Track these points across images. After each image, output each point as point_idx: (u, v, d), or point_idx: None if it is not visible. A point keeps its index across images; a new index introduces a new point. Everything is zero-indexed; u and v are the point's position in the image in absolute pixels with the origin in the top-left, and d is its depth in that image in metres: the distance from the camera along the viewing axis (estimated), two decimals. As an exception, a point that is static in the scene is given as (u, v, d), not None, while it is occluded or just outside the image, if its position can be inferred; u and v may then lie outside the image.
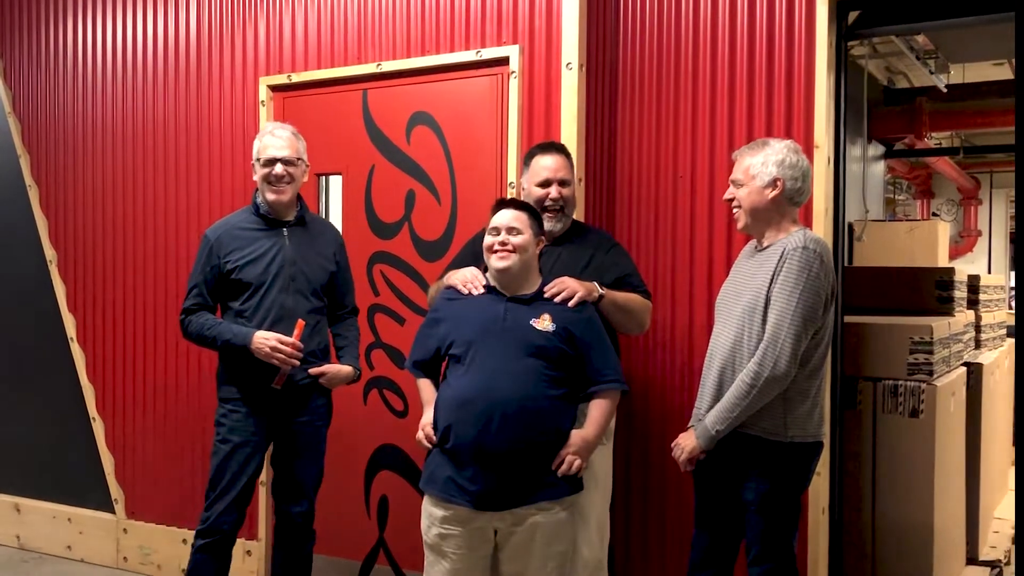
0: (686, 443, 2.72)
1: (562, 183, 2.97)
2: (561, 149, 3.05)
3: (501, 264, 2.67)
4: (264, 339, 3.03)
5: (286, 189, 3.15)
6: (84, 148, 4.57)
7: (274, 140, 3.16)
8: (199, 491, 4.19)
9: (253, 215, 3.21)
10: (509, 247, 2.66)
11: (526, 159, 3.07)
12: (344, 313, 3.34)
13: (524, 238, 2.69)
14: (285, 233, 3.18)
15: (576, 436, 2.64)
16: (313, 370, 3.15)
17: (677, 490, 3.39)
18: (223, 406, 3.18)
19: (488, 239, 2.71)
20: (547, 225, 2.93)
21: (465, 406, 2.60)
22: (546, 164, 2.98)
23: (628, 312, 2.92)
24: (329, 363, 3.22)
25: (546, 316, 2.66)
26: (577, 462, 2.62)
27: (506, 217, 2.69)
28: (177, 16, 4.29)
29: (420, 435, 2.72)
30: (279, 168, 3.12)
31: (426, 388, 2.82)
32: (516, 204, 2.76)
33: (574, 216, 3.08)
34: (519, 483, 2.57)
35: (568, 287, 2.73)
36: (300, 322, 3.07)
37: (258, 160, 3.17)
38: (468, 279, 2.79)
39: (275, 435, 3.21)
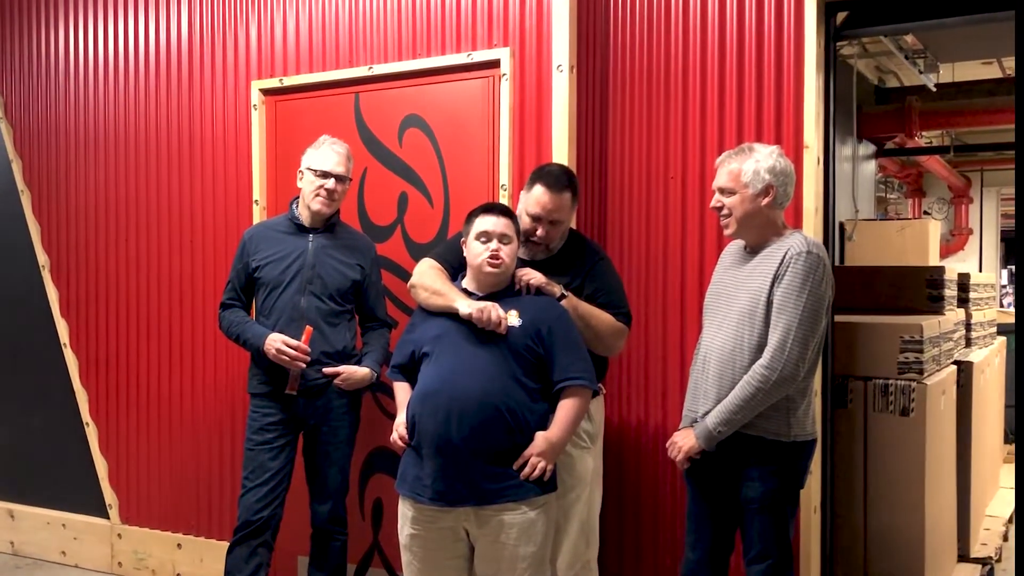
0: (684, 442, 2.71)
1: (553, 223, 2.90)
2: (568, 186, 2.92)
3: (495, 271, 2.70)
4: (272, 341, 3.16)
5: (332, 203, 3.29)
6: (77, 153, 4.57)
7: (332, 155, 3.29)
8: (193, 495, 4.23)
9: (287, 220, 3.37)
10: (501, 255, 2.70)
11: (530, 178, 2.96)
12: (374, 324, 3.43)
13: (513, 246, 2.74)
14: (310, 238, 3.30)
15: (540, 438, 2.60)
16: (327, 370, 3.23)
17: (671, 490, 3.40)
18: (252, 401, 3.33)
19: (477, 246, 2.72)
20: (528, 252, 2.95)
21: (427, 399, 2.62)
22: (543, 201, 2.87)
23: (590, 327, 2.84)
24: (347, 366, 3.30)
25: (513, 312, 2.66)
26: (541, 464, 2.57)
27: (498, 225, 2.71)
28: (168, 20, 4.28)
29: (394, 435, 2.74)
30: (331, 183, 3.26)
31: (401, 391, 2.83)
32: (503, 210, 2.77)
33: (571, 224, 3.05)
34: (481, 479, 2.55)
35: (530, 273, 2.78)
36: (308, 328, 3.18)
37: (311, 169, 3.27)
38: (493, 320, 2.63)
39: (301, 432, 3.33)
